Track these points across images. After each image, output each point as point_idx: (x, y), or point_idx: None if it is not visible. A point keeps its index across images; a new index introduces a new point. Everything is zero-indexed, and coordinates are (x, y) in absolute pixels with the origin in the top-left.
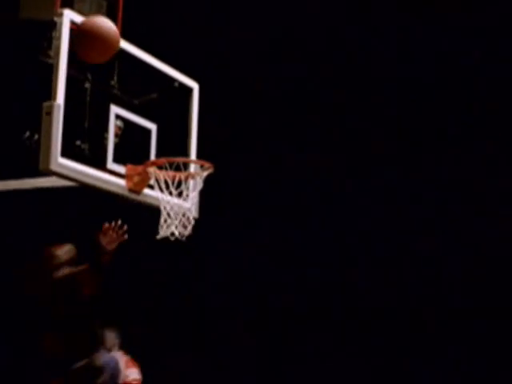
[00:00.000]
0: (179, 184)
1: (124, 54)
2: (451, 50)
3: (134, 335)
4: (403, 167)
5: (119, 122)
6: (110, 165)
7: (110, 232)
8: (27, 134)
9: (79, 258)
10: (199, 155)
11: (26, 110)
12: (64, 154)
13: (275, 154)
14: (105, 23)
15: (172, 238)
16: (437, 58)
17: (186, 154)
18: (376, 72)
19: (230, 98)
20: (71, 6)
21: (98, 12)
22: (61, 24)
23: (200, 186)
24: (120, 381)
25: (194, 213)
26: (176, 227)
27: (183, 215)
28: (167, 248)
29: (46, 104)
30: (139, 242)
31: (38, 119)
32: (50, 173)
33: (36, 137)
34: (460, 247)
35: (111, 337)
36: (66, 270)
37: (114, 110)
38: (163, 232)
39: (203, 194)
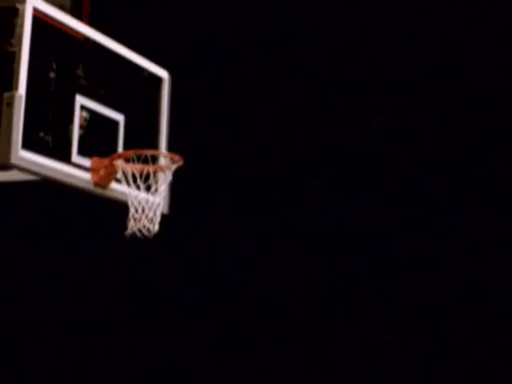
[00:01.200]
0: (147, 178)
1: (91, 42)
2: None
3: None
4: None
5: (85, 113)
6: (75, 158)
7: None
8: None
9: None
10: (169, 148)
11: None
12: (26, 147)
13: (250, 144)
14: None
15: (139, 235)
16: None
17: (156, 146)
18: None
19: (202, 88)
20: None
21: None
22: (23, 11)
23: (169, 179)
24: None
25: (163, 208)
26: (144, 223)
27: (151, 210)
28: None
29: (6, 95)
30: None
31: None
32: (10, 166)
33: None
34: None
35: None
36: None
37: (80, 100)
38: (131, 228)
39: (174, 189)
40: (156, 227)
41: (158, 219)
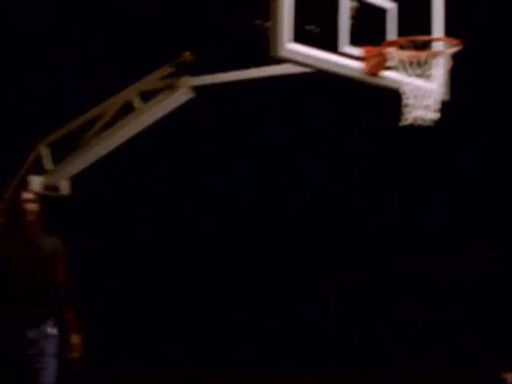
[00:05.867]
0: (420, 64)
1: None
2: None
3: None
4: None
5: (354, 3)
6: (345, 48)
7: None
8: (258, 21)
9: None
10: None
11: None
12: (295, 39)
13: None
14: None
15: (416, 123)
16: None
17: (429, 31)
18: None
19: None
20: None
21: None
22: None
23: (448, 64)
24: None
25: (441, 94)
26: (420, 111)
27: (427, 98)
28: None
29: None
30: None
31: (267, 5)
32: (280, 59)
33: (267, 24)
34: None
35: None
36: None
37: None
38: (406, 117)
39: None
40: (435, 114)
41: (436, 106)
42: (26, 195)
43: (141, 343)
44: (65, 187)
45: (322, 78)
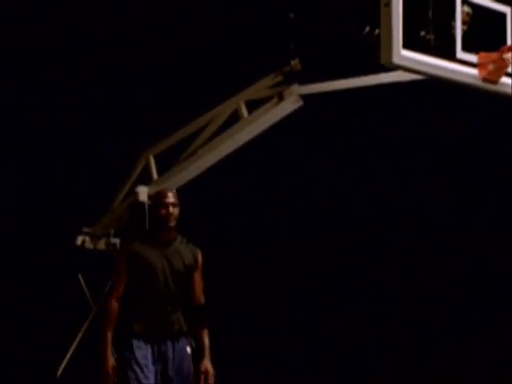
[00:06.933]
0: None
1: None
2: None
3: None
4: None
5: (467, 8)
6: (460, 54)
7: None
8: (367, 29)
9: None
10: None
11: (363, 3)
12: (407, 46)
13: None
14: None
15: None
16: None
17: None
18: None
19: None
20: None
21: None
22: None
23: None
24: None
25: None
26: None
27: None
28: None
29: None
30: None
31: (378, 12)
32: (392, 66)
33: (377, 32)
34: None
35: None
36: None
37: None
38: None
39: None
40: None
41: None
42: (169, 198)
43: None
44: None
45: (430, 85)
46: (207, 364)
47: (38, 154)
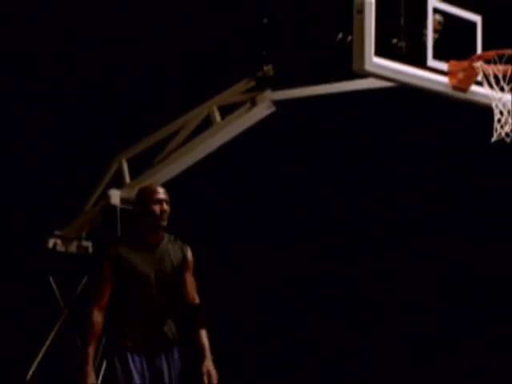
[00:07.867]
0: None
1: None
2: None
3: None
4: None
5: (438, 17)
6: (431, 62)
7: None
8: (340, 35)
9: None
10: None
11: (336, 10)
12: (379, 53)
13: None
14: None
15: (508, 140)
16: None
17: None
18: None
19: None
20: None
21: None
22: None
23: None
24: None
25: None
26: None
27: None
28: None
29: (356, 2)
30: None
31: (351, 20)
32: (364, 73)
33: (349, 38)
34: None
35: None
36: None
37: (432, 3)
38: (498, 133)
39: None
40: None
41: None
42: (162, 194)
43: None
44: None
45: (401, 92)
46: (209, 365)
47: (37, 154)
